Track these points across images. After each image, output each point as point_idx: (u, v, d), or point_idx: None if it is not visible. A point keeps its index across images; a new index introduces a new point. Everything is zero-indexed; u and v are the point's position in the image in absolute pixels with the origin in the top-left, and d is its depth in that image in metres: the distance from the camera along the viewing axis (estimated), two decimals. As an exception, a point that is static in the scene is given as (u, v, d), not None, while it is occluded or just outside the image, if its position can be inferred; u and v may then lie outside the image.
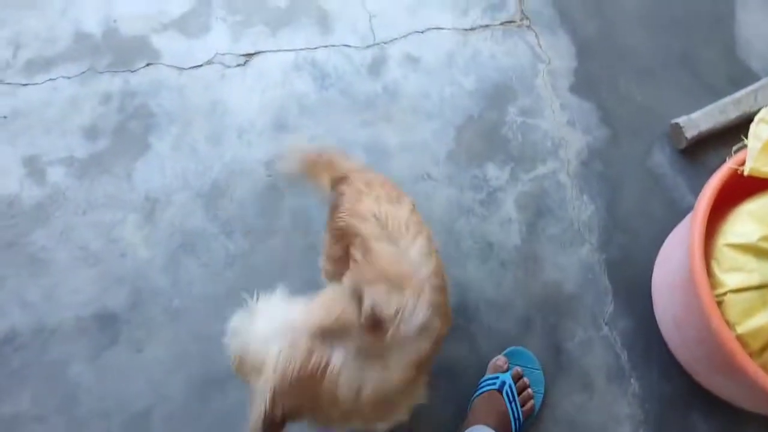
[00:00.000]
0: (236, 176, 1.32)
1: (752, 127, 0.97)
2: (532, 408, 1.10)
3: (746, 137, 0.96)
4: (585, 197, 1.29)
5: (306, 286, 1.18)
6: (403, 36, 1.49)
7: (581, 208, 1.28)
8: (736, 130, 1.19)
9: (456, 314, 1.16)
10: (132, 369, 1.16)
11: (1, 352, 1.17)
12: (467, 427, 1.04)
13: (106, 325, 1.19)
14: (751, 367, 0.85)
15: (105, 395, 1.14)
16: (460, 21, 1.51)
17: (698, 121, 1.29)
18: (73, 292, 1.22)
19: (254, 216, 1.29)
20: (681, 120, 1.30)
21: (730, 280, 0.91)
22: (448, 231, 1.27)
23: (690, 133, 1.28)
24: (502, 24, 1.48)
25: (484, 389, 1.10)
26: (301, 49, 1.48)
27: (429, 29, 1.50)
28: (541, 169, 1.32)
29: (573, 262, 1.24)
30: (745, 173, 0.93)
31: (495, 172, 1.32)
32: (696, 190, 1.14)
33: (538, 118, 1.37)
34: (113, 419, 1.12)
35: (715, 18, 1.50)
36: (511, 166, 1.33)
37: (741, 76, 1.39)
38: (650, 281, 1.17)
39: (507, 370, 1.12)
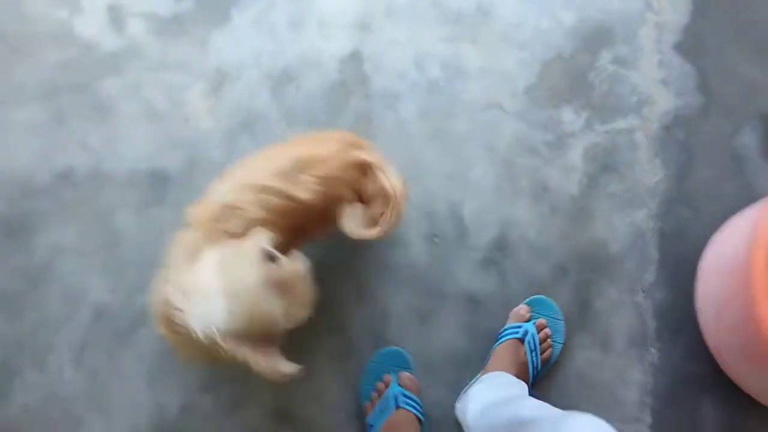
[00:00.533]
0: (308, 66, 1.31)
1: None
2: (550, 357, 1.11)
3: None
4: (657, 162, 1.23)
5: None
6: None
7: (650, 172, 1.23)
8: None
9: (493, 247, 1.17)
10: (173, 228, 1.22)
11: (58, 185, 1.24)
12: (487, 372, 1.07)
13: (158, 183, 1.24)
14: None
15: (143, 247, 1.20)
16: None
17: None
18: (132, 146, 1.26)
19: (318, 109, 1.29)
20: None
21: None
22: (507, 165, 1.25)
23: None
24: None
25: (507, 337, 1.10)
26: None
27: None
28: (620, 124, 1.26)
29: (625, 224, 1.21)
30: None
31: (570, 117, 1.27)
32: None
33: (631, 69, 1.29)
34: (146, 270, 1.19)
35: None
36: (589, 113, 1.27)
37: None
38: (700, 261, 1.13)
39: (530, 320, 1.12)
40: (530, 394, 1.01)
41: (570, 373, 1.14)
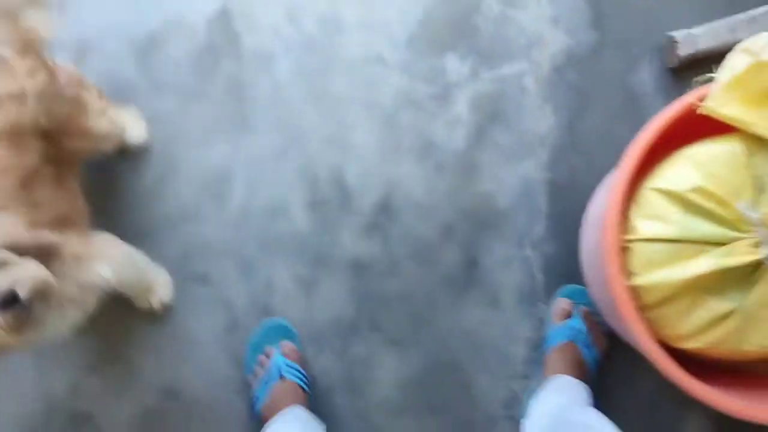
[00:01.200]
0: (175, 30, 1.22)
1: (729, 56, 0.82)
2: (605, 342, 1.06)
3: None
4: (548, 108, 1.16)
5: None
6: None
7: (540, 119, 1.16)
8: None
9: (378, 211, 1.12)
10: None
11: None
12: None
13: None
14: (635, 321, 0.79)
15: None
16: None
17: (698, 37, 1.11)
18: None
19: (188, 76, 1.21)
20: (678, 34, 1.11)
21: (644, 227, 0.82)
22: (390, 123, 1.18)
23: (685, 50, 1.10)
24: None
25: (556, 341, 1.05)
26: None
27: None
28: (507, 69, 1.18)
29: (514, 176, 1.15)
30: (699, 111, 0.80)
31: (455, 65, 1.19)
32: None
33: (518, 8, 1.19)
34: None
35: None
36: (474, 60, 1.18)
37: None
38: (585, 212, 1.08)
39: (572, 314, 1.07)
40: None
41: (456, 329, 1.12)
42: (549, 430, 0.87)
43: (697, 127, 0.81)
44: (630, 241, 0.83)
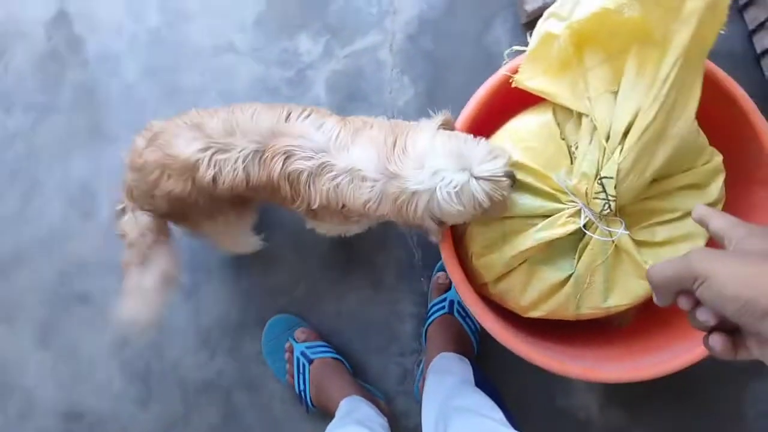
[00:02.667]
0: (12, 38, 1.15)
1: (540, 23, 0.79)
2: None
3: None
4: (405, 79, 1.13)
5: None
6: None
7: (399, 92, 1.13)
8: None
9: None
10: None
11: None
12: (429, 360, 1.02)
13: None
14: (472, 300, 0.80)
15: None
16: None
17: None
18: None
19: (34, 89, 1.15)
20: None
21: (475, 207, 0.82)
22: (249, 114, 1.14)
23: (531, 4, 1.07)
24: None
25: (435, 316, 1.05)
26: None
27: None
28: (360, 43, 1.13)
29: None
30: (513, 84, 0.78)
31: (308, 45, 1.14)
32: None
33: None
34: None
35: None
36: (327, 38, 1.14)
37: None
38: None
39: (450, 287, 1.07)
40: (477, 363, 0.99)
41: (344, 313, 1.12)
42: (438, 422, 0.89)
43: (526, 97, 0.80)
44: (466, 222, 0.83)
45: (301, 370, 1.06)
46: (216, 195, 0.78)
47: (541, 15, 1.01)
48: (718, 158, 0.79)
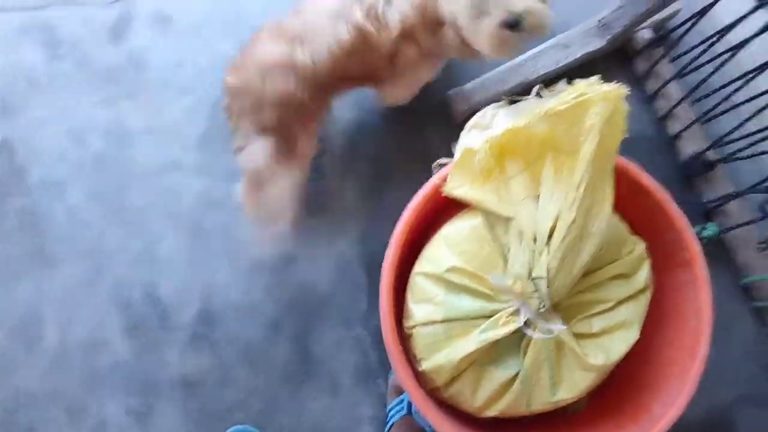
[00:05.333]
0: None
1: (462, 135, 0.85)
2: None
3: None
4: (348, 183, 1.17)
5: None
6: (155, -13, 1.26)
7: (343, 197, 1.17)
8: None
9: (199, 321, 1.09)
10: None
11: None
12: None
13: None
14: (426, 408, 0.80)
15: None
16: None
17: (472, 92, 1.15)
18: None
19: (-27, 222, 1.13)
20: (453, 92, 1.16)
21: (419, 312, 0.83)
22: (197, 230, 1.15)
23: (462, 105, 1.15)
24: None
25: (394, 419, 1.02)
26: (30, 8, 1.23)
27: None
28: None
29: (331, 257, 1.15)
30: (443, 193, 0.83)
31: (251, 158, 1.18)
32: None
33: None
34: None
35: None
36: (269, 149, 1.18)
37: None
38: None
39: None
40: None
41: (305, 424, 1.09)
42: None
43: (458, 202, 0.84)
44: (409, 327, 0.84)
45: None
46: (318, 82, 0.85)
47: (472, 114, 1.09)
48: (641, 246, 0.84)
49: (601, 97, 0.66)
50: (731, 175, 1.08)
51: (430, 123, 1.19)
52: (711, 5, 0.92)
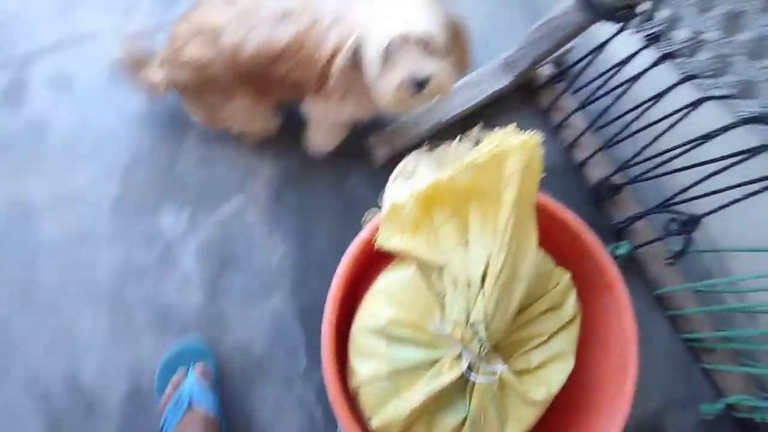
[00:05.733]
0: None
1: (388, 185, 0.86)
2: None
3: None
4: (276, 236, 1.15)
5: None
6: (51, 48, 1.19)
7: (272, 251, 1.14)
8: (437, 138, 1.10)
9: (129, 403, 1.02)
10: None
11: None
12: None
13: None
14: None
15: None
16: (124, 23, 1.23)
17: (390, 136, 1.17)
18: None
19: None
20: (372, 138, 1.17)
21: (363, 368, 0.83)
22: (117, 302, 1.08)
23: (382, 151, 1.16)
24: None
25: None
26: None
27: (83, 37, 1.21)
28: (225, 209, 1.15)
29: (264, 315, 1.11)
30: (375, 246, 0.83)
31: (170, 221, 1.13)
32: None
33: (223, 145, 1.18)
34: None
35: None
36: (190, 210, 1.14)
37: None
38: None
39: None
40: None
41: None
42: None
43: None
44: (355, 386, 0.83)
45: (176, 408, 0.96)
46: (238, 70, 0.88)
47: (393, 157, 1.11)
48: (567, 276, 0.88)
49: (519, 147, 0.69)
50: (636, 197, 1.16)
51: (353, 168, 1.19)
52: (605, 42, 1.00)
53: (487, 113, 1.22)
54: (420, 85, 0.81)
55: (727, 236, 1.02)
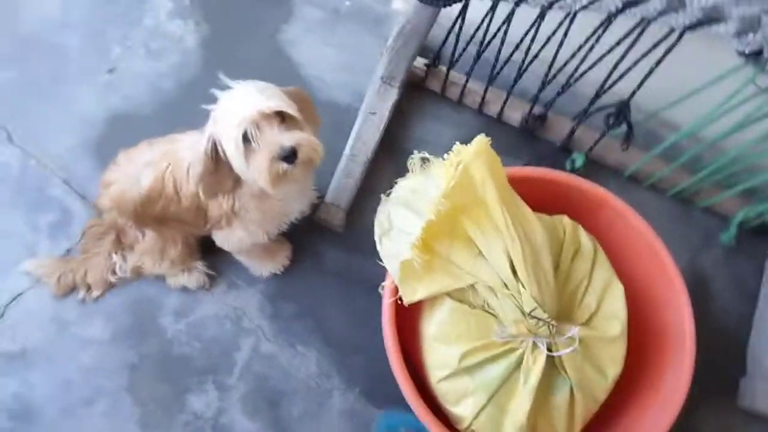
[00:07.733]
0: None
1: (378, 247, 0.87)
2: None
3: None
4: (299, 348, 1.13)
5: None
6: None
7: (304, 361, 1.12)
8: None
9: None
10: None
11: None
12: None
13: None
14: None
15: None
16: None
17: (335, 200, 1.18)
18: None
19: None
20: (319, 212, 1.17)
21: (464, 410, 0.84)
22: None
23: (336, 217, 1.17)
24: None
25: None
26: None
27: (16, 298, 1.14)
28: (236, 357, 1.12)
29: (333, 418, 1.09)
30: (406, 304, 0.84)
31: (200, 400, 1.09)
32: (366, 268, 1.14)
33: (200, 305, 1.15)
34: None
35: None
36: (211, 380, 1.10)
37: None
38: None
39: None
40: None
41: None
42: None
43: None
44: (467, 428, 0.84)
45: None
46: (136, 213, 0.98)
47: (349, 218, 1.11)
48: (565, 219, 0.93)
49: (476, 155, 0.72)
50: (562, 115, 1.22)
51: (321, 246, 1.20)
52: (460, 17, 1.04)
53: (401, 124, 1.26)
54: (288, 157, 0.80)
55: (657, 102, 1.09)
